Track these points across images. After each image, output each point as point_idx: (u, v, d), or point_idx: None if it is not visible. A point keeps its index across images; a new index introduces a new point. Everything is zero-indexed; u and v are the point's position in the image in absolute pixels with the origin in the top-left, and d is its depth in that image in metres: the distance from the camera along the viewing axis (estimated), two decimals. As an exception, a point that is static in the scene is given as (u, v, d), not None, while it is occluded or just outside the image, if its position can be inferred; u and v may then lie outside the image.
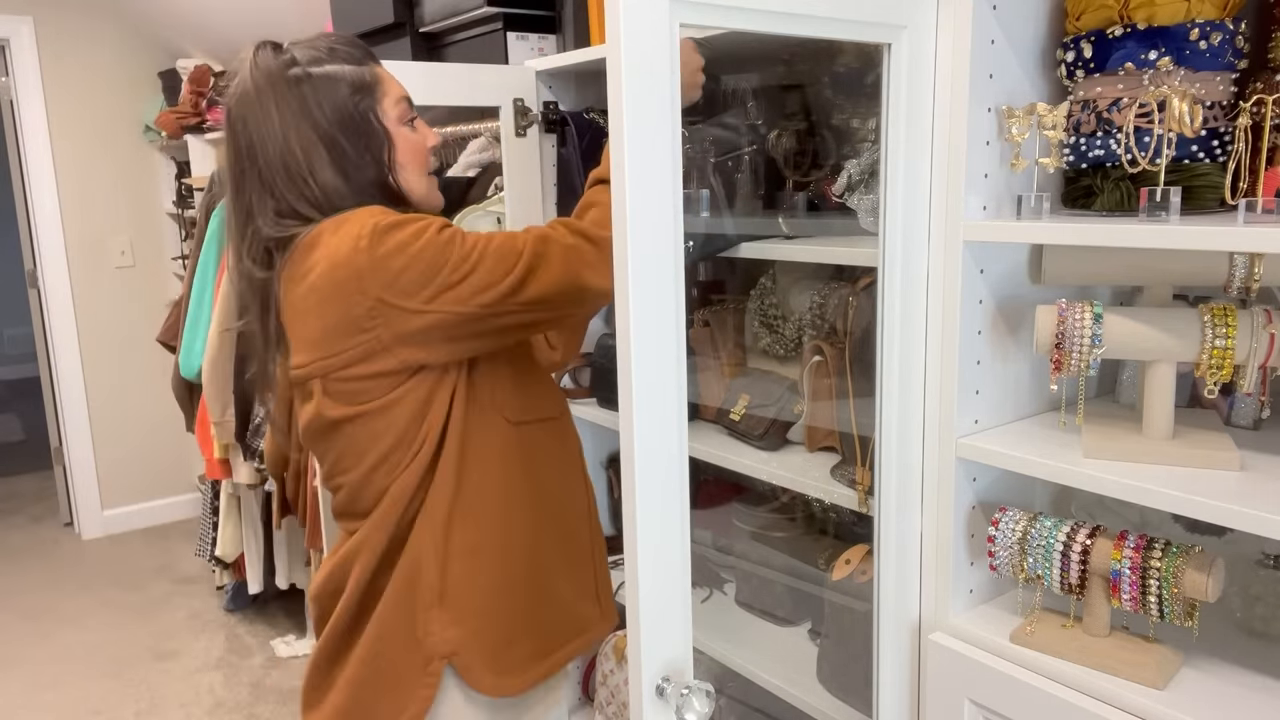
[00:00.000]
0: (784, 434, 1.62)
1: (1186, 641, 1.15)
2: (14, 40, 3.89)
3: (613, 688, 1.98)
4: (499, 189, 2.02)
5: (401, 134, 1.25)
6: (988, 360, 1.23)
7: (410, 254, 1.13)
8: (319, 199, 1.20)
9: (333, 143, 1.19)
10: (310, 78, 1.20)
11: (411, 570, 1.22)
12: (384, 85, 1.25)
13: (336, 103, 1.20)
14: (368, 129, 1.22)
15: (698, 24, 0.99)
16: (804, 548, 1.66)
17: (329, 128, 1.19)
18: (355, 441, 1.21)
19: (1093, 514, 1.36)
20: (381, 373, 1.17)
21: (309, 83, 1.20)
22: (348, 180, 1.21)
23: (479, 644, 1.24)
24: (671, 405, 0.99)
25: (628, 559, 1.00)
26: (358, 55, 1.24)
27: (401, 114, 1.25)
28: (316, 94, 1.19)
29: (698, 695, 0.99)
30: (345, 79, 1.21)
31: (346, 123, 1.20)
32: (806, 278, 1.68)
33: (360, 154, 1.21)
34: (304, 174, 1.19)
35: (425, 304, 1.13)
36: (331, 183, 1.20)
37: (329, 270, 1.14)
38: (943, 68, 1.15)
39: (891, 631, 1.28)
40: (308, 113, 1.19)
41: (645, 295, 0.95)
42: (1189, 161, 1.09)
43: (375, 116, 1.23)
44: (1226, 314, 1.06)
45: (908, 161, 1.16)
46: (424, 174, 1.29)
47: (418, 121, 1.29)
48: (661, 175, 0.95)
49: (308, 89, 1.19)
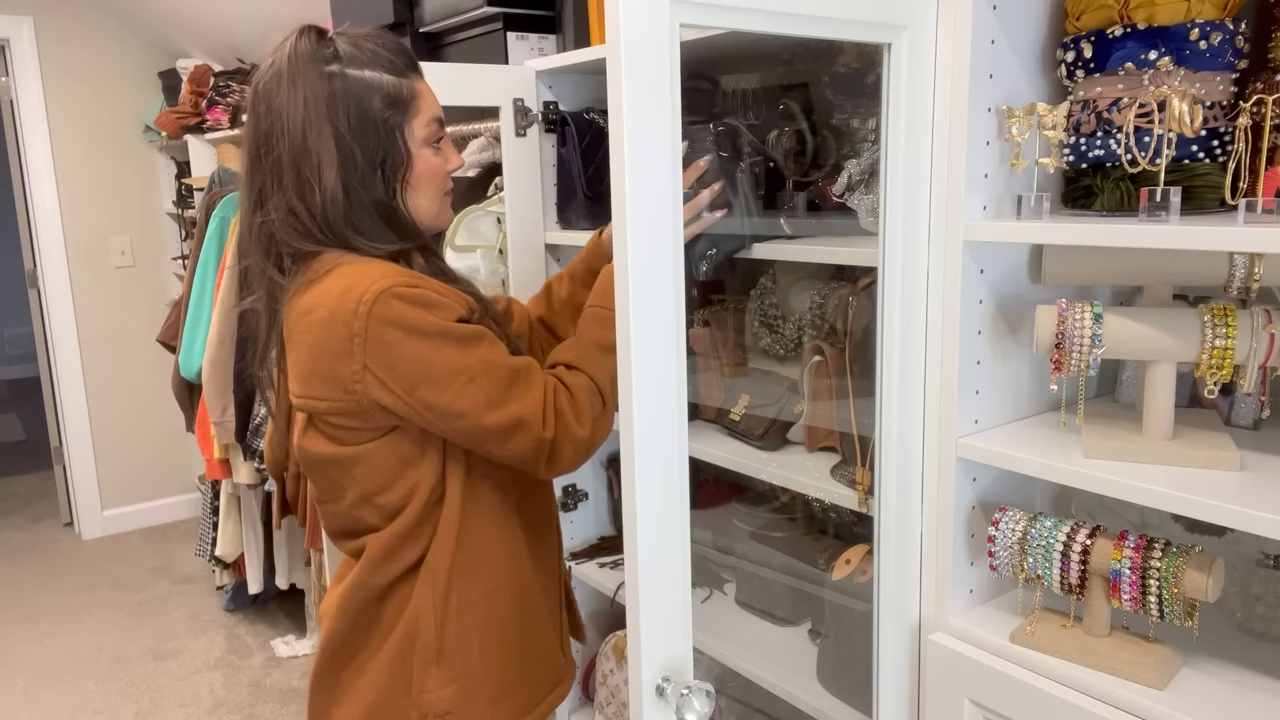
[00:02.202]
0: (784, 434, 1.62)
1: (1186, 641, 1.15)
2: (14, 40, 3.89)
3: (613, 688, 1.97)
4: (499, 189, 2.02)
5: (424, 156, 1.21)
6: (988, 360, 1.23)
7: (410, 340, 1.09)
8: (317, 208, 1.15)
9: (348, 153, 1.14)
10: (346, 78, 1.15)
11: (410, 627, 1.21)
12: (419, 103, 1.20)
13: (365, 112, 1.15)
14: (389, 145, 1.17)
15: (698, 24, 0.99)
16: (804, 548, 1.66)
17: (349, 136, 1.14)
18: (335, 478, 1.20)
19: (1093, 514, 1.36)
20: (362, 426, 1.15)
21: (343, 83, 1.15)
22: (348, 195, 1.15)
23: (472, 702, 1.23)
24: (671, 405, 0.99)
25: (628, 559, 1.00)
26: (401, 65, 1.19)
27: (429, 135, 1.21)
28: (347, 98, 1.14)
29: (698, 695, 0.99)
30: (381, 89, 1.16)
31: (369, 135, 1.15)
32: (806, 278, 1.68)
33: (371, 170, 1.16)
34: (312, 177, 1.14)
35: (406, 394, 1.10)
36: (332, 193, 1.14)
37: (328, 320, 1.10)
38: (943, 68, 1.14)
39: (891, 631, 1.28)
40: (333, 115, 1.14)
41: (645, 296, 0.95)
42: (1189, 161, 1.09)
43: (401, 134, 1.18)
44: (1226, 314, 1.06)
45: (908, 161, 1.16)
46: (438, 197, 1.25)
47: (444, 143, 1.24)
48: (661, 175, 0.95)
49: (339, 89, 1.14)
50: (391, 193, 1.19)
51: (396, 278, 1.11)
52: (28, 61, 3.93)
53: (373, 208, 1.17)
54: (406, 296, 1.10)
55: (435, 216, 1.25)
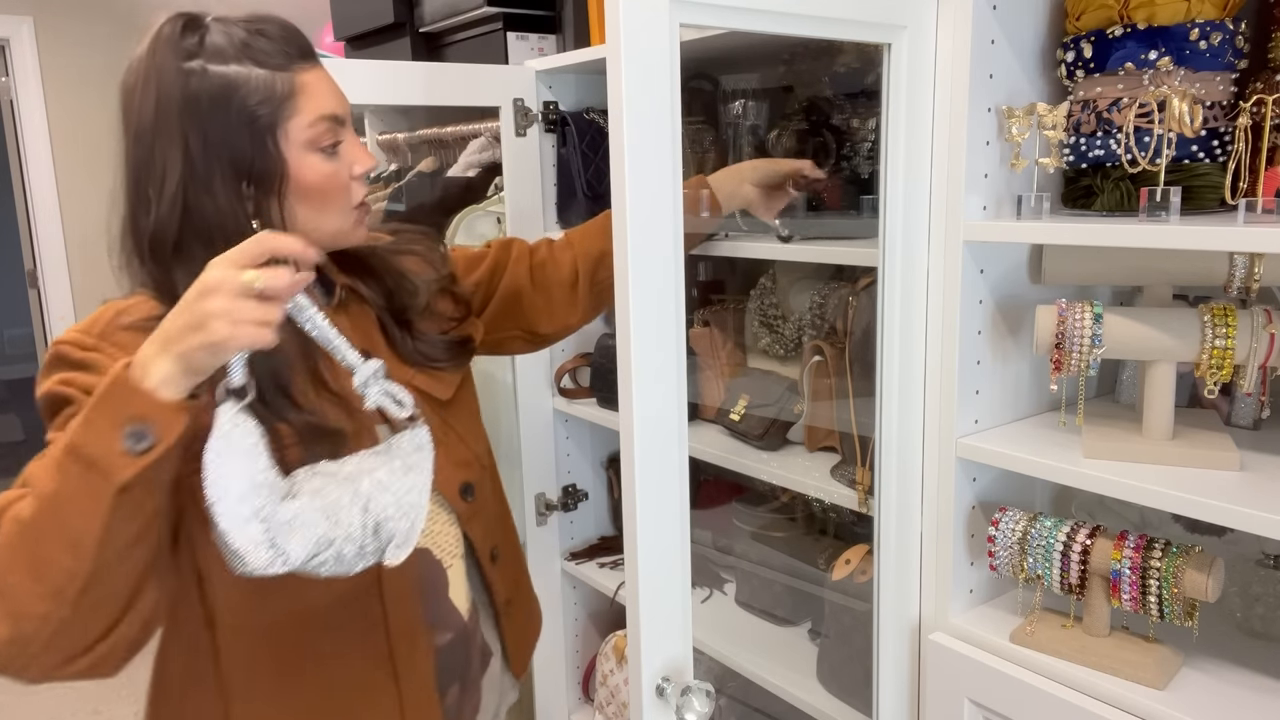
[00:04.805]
0: (784, 434, 1.62)
1: (1186, 641, 1.15)
2: (14, 40, 3.90)
3: (613, 688, 1.98)
4: (499, 189, 2.02)
5: (308, 163, 1.01)
6: (988, 360, 1.23)
7: (42, 391, 0.96)
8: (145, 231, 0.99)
9: (198, 165, 0.97)
10: (206, 75, 0.97)
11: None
12: (300, 99, 1.00)
13: (226, 114, 0.97)
14: (258, 152, 0.98)
15: (698, 24, 0.99)
16: (804, 548, 1.66)
17: (202, 145, 0.97)
18: None
19: (1093, 514, 1.36)
20: None
21: (202, 81, 0.96)
22: (187, 216, 0.97)
23: None
24: (671, 405, 0.99)
25: (628, 559, 1.00)
26: (278, 57, 1.00)
27: (315, 137, 1.01)
28: (205, 98, 0.96)
29: (698, 695, 0.99)
30: (248, 86, 0.98)
31: (232, 141, 0.97)
32: (806, 278, 1.68)
33: (233, 183, 0.98)
34: (152, 193, 0.98)
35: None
36: (166, 214, 0.97)
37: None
38: (943, 68, 1.15)
39: (891, 631, 1.28)
40: (185, 119, 0.96)
41: (645, 296, 0.95)
42: (1189, 161, 1.09)
43: (274, 138, 0.99)
44: (1226, 314, 1.06)
45: (908, 161, 1.16)
46: (338, 209, 1.05)
47: (345, 145, 1.04)
48: (661, 175, 0.95)
49: (196, 88, 0.96)
50: (261, 211, 1.00)
51: (85, 326, 0.99)
52: (28, 61, 3.94)
53: (219, 233, 0.97)
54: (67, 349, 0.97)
55: (337, 233, 1.06)
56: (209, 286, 0.84)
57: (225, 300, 0.83)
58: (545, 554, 2.03)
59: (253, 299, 0.84)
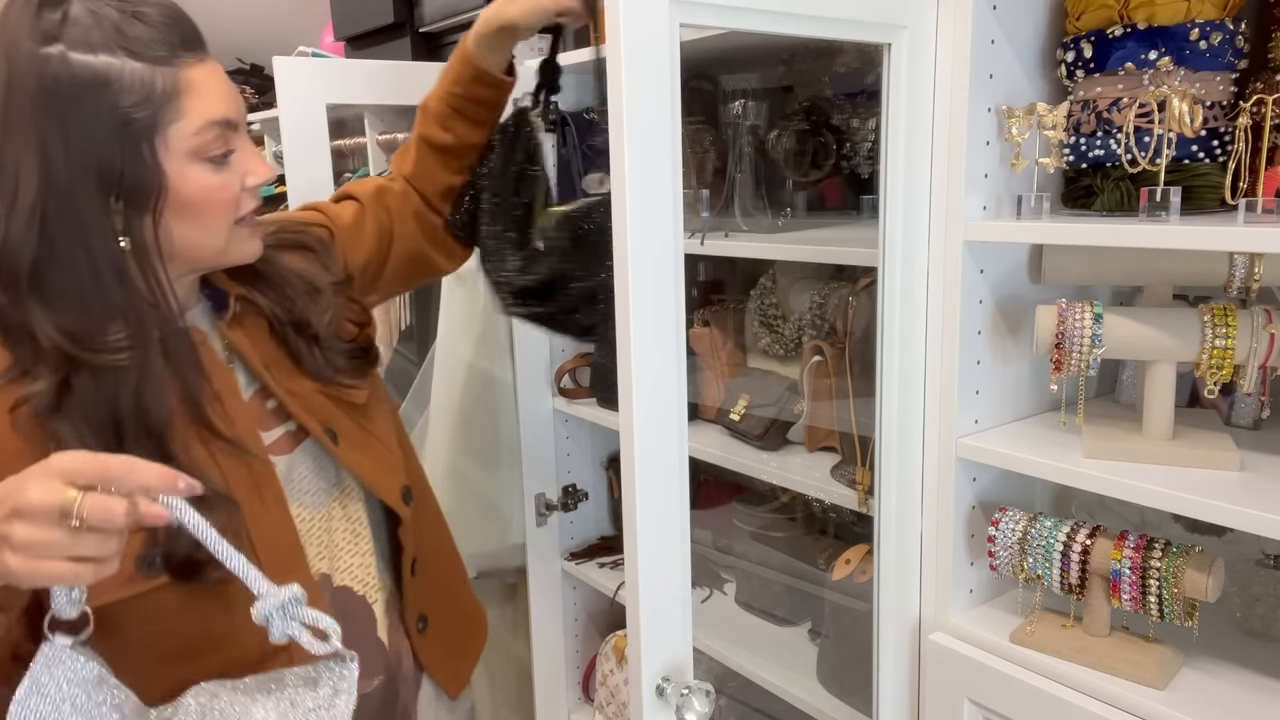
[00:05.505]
0: (784, 434, 1.62)
1: (1186, 641, 1.15)
2: None
3: (612, 688, 1.98)
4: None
5: (191, 175, 0.86)
6: (988, 360, 1.23)
7: None
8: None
9: (55, 176, 0.80)
10: (68, 63, 0.79)
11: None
12: (186, 100, 0.85)
13: (92, 114, 0.80)
14: (131, 162, 0.83)
15: (698, 24, 0.99)
16: (804, 548, 1.66)
17: (63, 151, 0.80)
18: None
19: (1093, 514, 1.36)
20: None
21: (63, 68, 0.79)
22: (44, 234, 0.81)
23: None
24: (671, 405, 0.99)
25: (628, 559, 1.00)
26: (160, 48, 0.84)
27: (202, 146, 0.86)
28: (67, 91, 0.80)
29: (698, 695, 0.99)
30: (120, 82, 0.81)
31: (95, 149, 0.81)
32: (806, 278, 1.68)
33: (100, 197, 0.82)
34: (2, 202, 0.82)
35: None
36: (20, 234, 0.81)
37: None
38: (943, 68, 1.14)
39: (891, 631, 1.28)
40: (40, 114, 0.80)
41: (645, 295, 0.95)
42: (1189, 161, 1.09)
43: (150, 146, 0.83)
44: (1226, 314, 1.06)
45: (908, 161, 1.16)
46: (223, 225, 0.91)
47: (237, 155, 0.90)
48: (661, 175, 0.95)
49: (56, 78, 0.79)
50: (131, 229, 0.85)
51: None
52: None
53: (82, 256, 0.83)
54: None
55: (224, 250, 0.92)
56: (18, 504, 0.65)
57: (29, 528, 0.65)
58: (545, 554, 2.03)
59: (68, 530, 0.65)
